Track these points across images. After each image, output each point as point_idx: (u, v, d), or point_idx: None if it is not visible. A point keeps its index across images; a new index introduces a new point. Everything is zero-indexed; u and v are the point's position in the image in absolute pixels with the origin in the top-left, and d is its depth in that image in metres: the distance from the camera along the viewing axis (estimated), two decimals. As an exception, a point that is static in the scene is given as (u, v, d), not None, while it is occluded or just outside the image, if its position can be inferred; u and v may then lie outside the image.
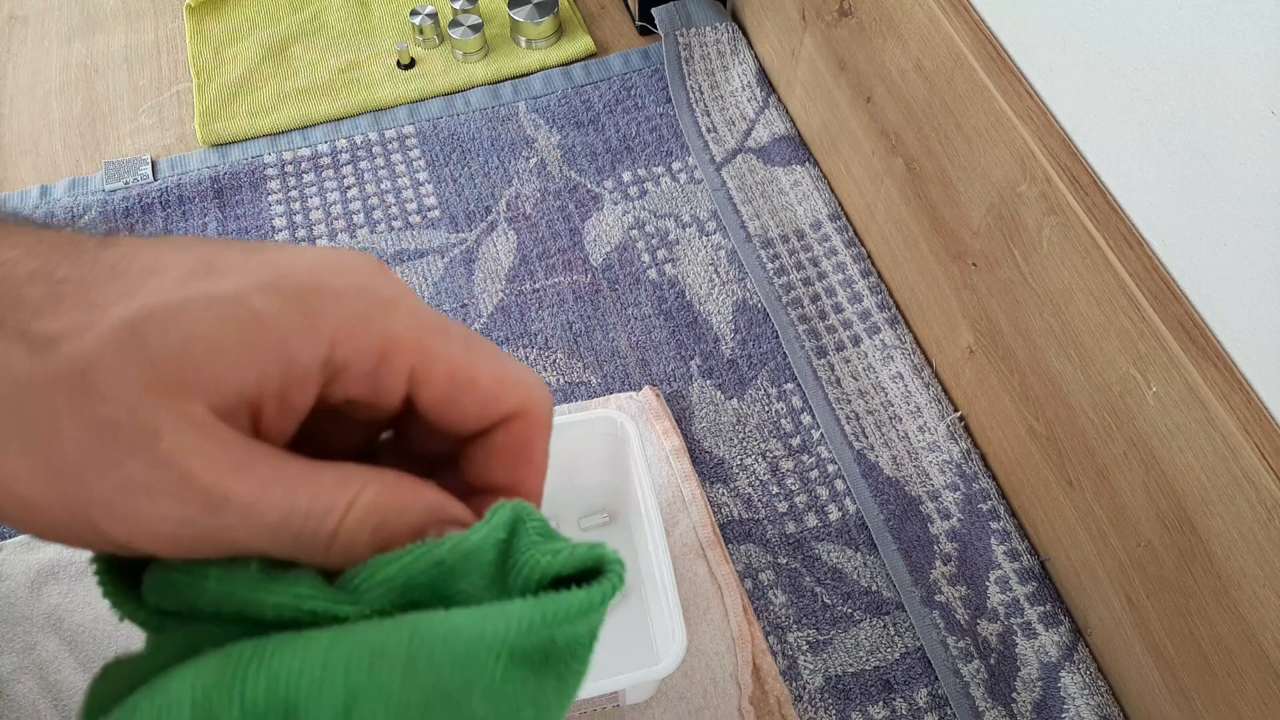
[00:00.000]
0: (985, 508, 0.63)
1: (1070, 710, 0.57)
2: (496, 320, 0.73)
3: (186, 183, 0.81)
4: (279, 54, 0.90)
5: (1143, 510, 0.50)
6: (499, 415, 0.22)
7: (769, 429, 0.68)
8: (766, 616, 0.61)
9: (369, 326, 0.20)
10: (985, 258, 0.59)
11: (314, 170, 0.82)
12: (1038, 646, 0.59)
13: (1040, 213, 0.53)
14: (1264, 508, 0.42)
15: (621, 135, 0.84)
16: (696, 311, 0.74)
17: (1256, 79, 0.40)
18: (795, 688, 0.58)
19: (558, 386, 0.70)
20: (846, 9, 0.70)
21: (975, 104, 0.56)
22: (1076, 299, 0.51)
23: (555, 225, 0.78)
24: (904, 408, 0.68)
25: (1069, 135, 0.52)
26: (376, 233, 0.78)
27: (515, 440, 0.22)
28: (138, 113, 0.87)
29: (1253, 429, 0.43)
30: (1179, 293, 0.47)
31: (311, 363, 0.20)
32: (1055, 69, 0.52)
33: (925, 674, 0.59)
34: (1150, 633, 0.52)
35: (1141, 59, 0.46)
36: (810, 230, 0.77)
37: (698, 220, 0.79)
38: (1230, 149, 0.42)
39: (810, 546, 0.63)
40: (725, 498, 0.65)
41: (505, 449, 0.22)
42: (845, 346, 0.71)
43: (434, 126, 0.85)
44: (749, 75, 0.86)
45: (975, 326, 0.62)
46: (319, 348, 0.20)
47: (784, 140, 0.82)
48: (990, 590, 0.61)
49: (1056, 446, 0.57)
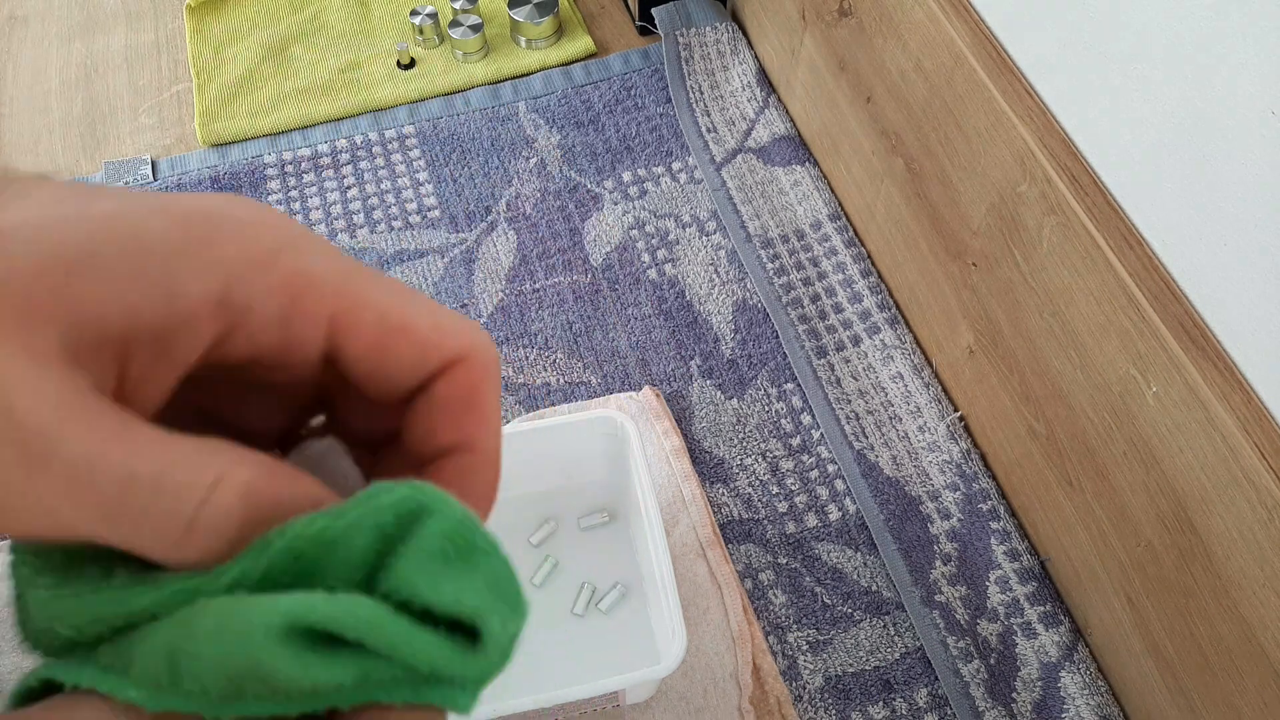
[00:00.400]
0: (985, 508, 0.64)
1: (1070, 710, 0.57)
2: (496, 320, 0.73)
3: (186, 183, 0.81)
4: (279, 54, 0.90)
5: (1143, 510, 0.50)
6: (439, 363, 0.19)
7: (769, 429, 0.68)
8: (766, 616, 0.61)
9: (277, 261, 0.17)
10: (985, 258, 0.59)
11: (314, 170, 0.82)
12: (1038, 646, 0.59)
13: (1040, 213, 0.53)
14: (1264, 508, 0.42)
15: (621, 135, 0.84)
16: (696, 311, 0.74)
17: (1256, 79, 0.40)
18: (795, 688, 0.59)
19: (558, 386, 0.70)
20: (846, 9, 0.70)
21: (975, 104, 0.56)
22: (1076, 299, 0.51)
23: (555, 225, 0.78)
24: (904, 408, 0.68)
25: (1069, 135, 0.52)
26: (376, 233, 0.78)
27: (460, 388, 0.19)
28: (138, 113, 0.87)
29: (1253, 429, 0.43)
30: (1179, 293, 0.47)
31: (202, 297, 0.16)
32: (1055, 69, 0.52)
33: (925, 674, 0.59)
34: (1150, 633, 0.52)
35: (1141, 59, 0.46)
36: (810, 230, 0.77)
37: (698, 220, 0.79)
38: (1230, 149, 0.42)
39: (810, 546, 0.63)
40: (725, 498, 0.65)
41: (450, 400, 0.19)
42: (845, 346, 0.71)
43: (434, 126, 0.85)
44: (749, 75, 0.86)
45: (975, 326, 0.62)
46: (212, 280, 0.16)
47: (784, 140, 0.82)
48: (990, 590, 0.61)
49: (1056, 446, 0.57)
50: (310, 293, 0.17)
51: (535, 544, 0.62)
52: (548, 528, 0.62)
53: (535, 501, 0.63)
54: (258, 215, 0.17)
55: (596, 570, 0.61)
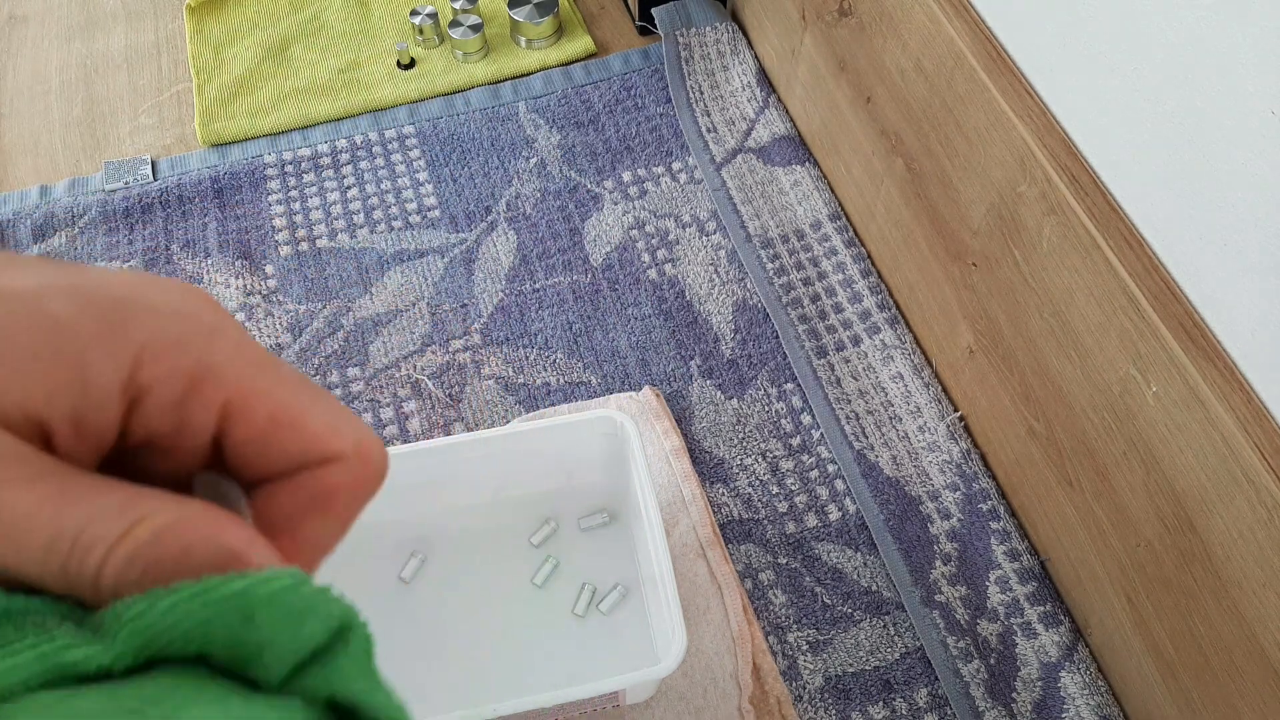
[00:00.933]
0: (985, 508, 0.64)
1: (1070, 710, 0.57)
2: (496, 320, 0.73)
3: (186, 183, 0.81)
4: (279, 54, 0.90)
5: (1143, 510, 0.50)
6: (319, 459, 0.18)
7: (769, 429, 0.68)
8: (766, 616, 0.61)
9: (183, 349, 0.17)
10: (985, 258, 0.59)
11: (314, 170, 0.82)
12: (1038, 646, 0.59)
13: (1040, 213, 0.53)
14: (1264, 508, 0.42)
15: (621, 135, 0.84)
16: (696, 311, 0.74)
17: (1256, 79, 0.40)
18: (795, 688, 0.59)
19: (558, 386, 0.70)
20: (846, 9, 0.70)
21: (975, 104, 0.56)
22: (1076, 299, 0.51)
23: (555, 225, 0.78)
24: (904, 408, 0.68)
25: (1069, 135, 0.52)
26: (376, 233, 0.78)
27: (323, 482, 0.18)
28: (138, 113, 0.87)
29: (1253, 429, 0.43)
30: (1179, 293, 0.47)
31: (112, 382, 0.16)
32: (1055, 69, 0.52)
33: (925, 674, 0.59)
34: (1150, 633, 0.52)
35: (1141, 58, 0.46)
36: (810, 230, 0.77)
37: (698, 220, 0.79)
38: (1230, 149, 0.42)
39: (810, 546, 0.63)
40: (725, 498, 0.65)
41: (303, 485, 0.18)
42: (845, 346, 0.71)
43: (434, 126, 0.85)
44: (749, 75, 0.86)
45: (975, 326, 0.62)
46: (122, 365, 0.16)
47: (784, 140, 0.82)
48: (990, 590, 0.61)
49: (1056, 446, 0.57)
50: (209, 379, 0.17)
51: (535, 544, 0.62)
52: (548, 528, 0.62)
53: (535, 501, 0.63)
54: (173, 301, 0.17)
55: (597, 571, 0.61)
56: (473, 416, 0.69)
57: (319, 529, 0.19)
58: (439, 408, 0.69)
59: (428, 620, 0.60)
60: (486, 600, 0.61)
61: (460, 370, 0.71)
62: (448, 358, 0.72)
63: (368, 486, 0.19)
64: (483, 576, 0.61)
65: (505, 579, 0.61)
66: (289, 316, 0.74)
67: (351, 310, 0.74)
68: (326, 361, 0.72)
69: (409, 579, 0.61)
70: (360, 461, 0.19)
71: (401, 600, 0.61)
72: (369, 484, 0.19)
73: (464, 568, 0.62)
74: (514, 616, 0.60)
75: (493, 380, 0.71)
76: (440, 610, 0.60)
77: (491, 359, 0.72)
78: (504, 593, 0.61)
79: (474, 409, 0.69)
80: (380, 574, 0.61)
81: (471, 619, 0.60)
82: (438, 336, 0.73)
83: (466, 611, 0.60)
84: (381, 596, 0.61)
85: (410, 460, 0.57)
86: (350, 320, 0.74)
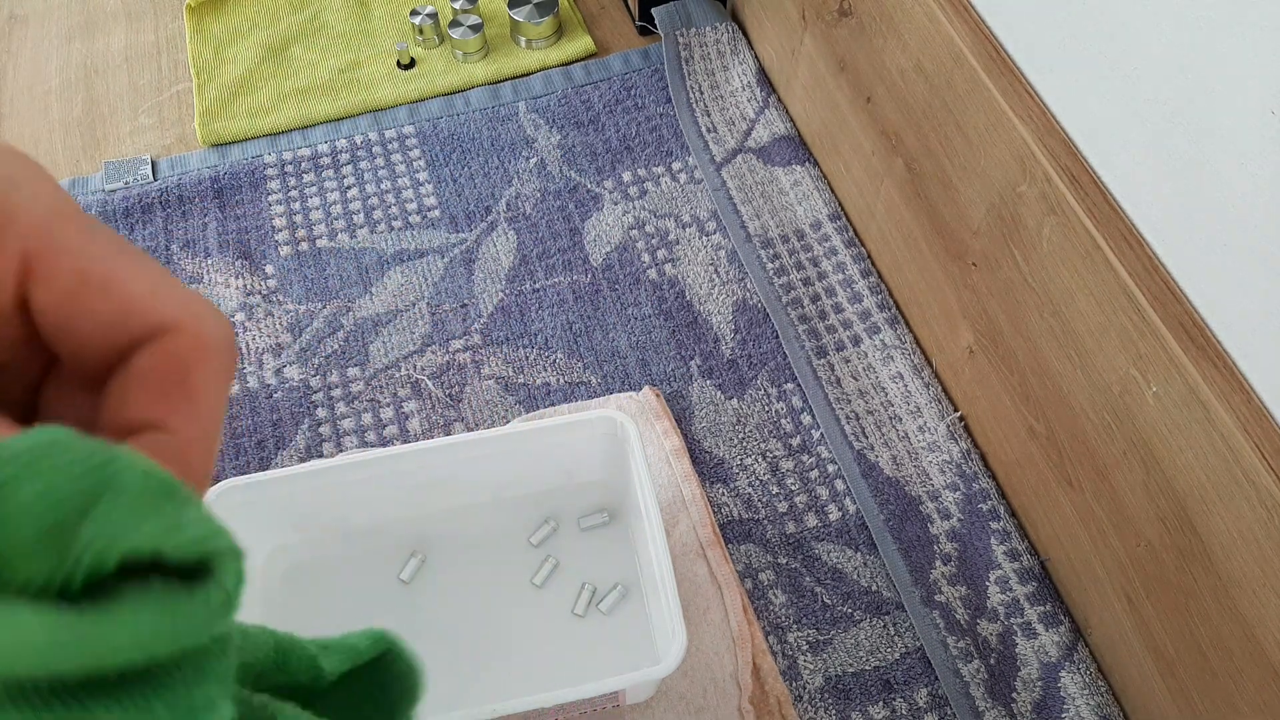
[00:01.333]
0: (985, 508, 0.64)
1: (1070, 710, 0.57)
2: (496, 320, 0.73)
3: (186, 183, 0.81)
4: (279, 54, 0.90)
5: (1143, 510, 0.50)
6: (142, 329, 0.16)
7: (769, 429, 0.68)
8: (766, 616, 0.61)
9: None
10: (985, 258, 0.59)
11: (314, 170, 0.82)
12: (1038, 646, 0.59)
13: (1040, 213, 0.53)
14: (1264, 508, 0.42)
15: (621, 135, 0.84)
16: (696, 311, 0.74)
17: (1256, 79, 0.40)
18: (795, 688, 0.59)
19: (558, 386, 0.70)
20: (846, 9, 0.70)
21: (975, 104, 0.56)
22: (1076, 299, 0.51)
23: (555, 225, 0.78)
24: (904, 408, 0.68)
25: (1069, 135, 0.52)
26: (376, 233, 0.78)
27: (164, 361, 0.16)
28: (138, 113, 0.87)
29: (1253, 429, 0.43)
30: (1179, 293, 0.47)
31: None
32: (1055, 69, 0.52)
33: (925, 674, 0.59)
34: (1150, 633, 0.52)
35: (1141, 59, 0.46)
36: (810, 230, 0.77)
37: (698, 220, 0.79)
38: (1230, 149, 0.42)
39: (810, 546, 0.63)
40: (725, 498, 0.65)
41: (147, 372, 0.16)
42: (845, 346, 0.71)
43: (434, 126, 0.85)
44: (749, 75, 0.86)
45: (975, 326, 0.62)
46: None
47: (784, 140, 0.82)
48: (990, 590, 0.61)
49: (1056, 446, 0.57)
50: (9, 228, 0.15)
51: (535, 544, 0.62)
52: (548, 528, 0.62)
53: (535, 501, 0.63)
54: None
55: (597, 570, 0.61)
56: (473, 416, 0.69)
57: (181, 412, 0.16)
58: (439, 408, 0.69)
59: (427, 620, 0.60)
60: (486, 600, 0.61)
61: (460, 370, 0.71)
62: (448, 358, 0.72)
63: (220, 358, 0.16)
64: (482, 576, 0.61)
65: (505, 579, 0.61)
66: (289, 316, 0.74)
67: (351, 310, 0.74)
68: (326, 361, 0.72)
69: (409, 579, 0.61)
70: (201, 330, 0.16)
71: (401, 600, 0.61)
72: (219, 356, 0.16)
73: (464, 568, 0.62)
74: (514, 616, 0.60)
75: (493, 380, 0.71)
76: (440, 610, 0.60)
77: (491, 359, 0.72)
78: (504, 593, 0.61)
79: (474, 409, 0.69)
80: (380, 574, 0.61)
81: (471, 619, 0.60)
82: (438, 336, 0.73)
83: (466, 611, 0.60)
84: (381, 597, 0.61)
85: (410, 460, 0.57)
86: (350, 320, 0.74)
